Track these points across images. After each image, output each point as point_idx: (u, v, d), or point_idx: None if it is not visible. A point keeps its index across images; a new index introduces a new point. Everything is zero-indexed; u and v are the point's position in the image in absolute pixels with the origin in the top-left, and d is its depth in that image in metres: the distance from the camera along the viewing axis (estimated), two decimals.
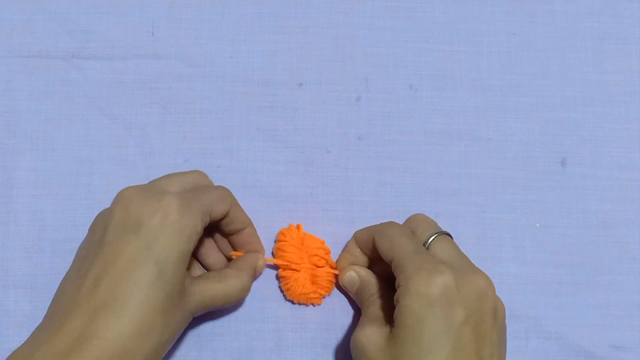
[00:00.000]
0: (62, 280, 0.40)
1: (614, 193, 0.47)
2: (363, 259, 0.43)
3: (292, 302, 0.44)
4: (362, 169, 0.47)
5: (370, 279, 0.42)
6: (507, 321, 0.44)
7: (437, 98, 0.48)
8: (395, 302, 0.37)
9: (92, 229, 0.40)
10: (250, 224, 0.43)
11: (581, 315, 0.45)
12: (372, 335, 0.37)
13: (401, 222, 0.45)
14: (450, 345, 0.35)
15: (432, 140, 0.47)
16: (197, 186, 0.42)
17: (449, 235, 0.41)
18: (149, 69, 0.48)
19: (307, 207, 0.46)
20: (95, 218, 0.41)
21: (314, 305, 0.44)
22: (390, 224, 0.42)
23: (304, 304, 0.44)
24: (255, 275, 0.43)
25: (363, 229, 0.44)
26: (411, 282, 0.36)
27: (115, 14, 0.49)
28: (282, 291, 0.44)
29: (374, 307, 0.40)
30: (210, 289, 0.39)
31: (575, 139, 0.48)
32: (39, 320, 0.44)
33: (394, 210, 0.46)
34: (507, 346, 0.44)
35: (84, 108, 0.47)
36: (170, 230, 0.36)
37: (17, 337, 0.43)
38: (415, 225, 0.42)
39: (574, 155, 0.47)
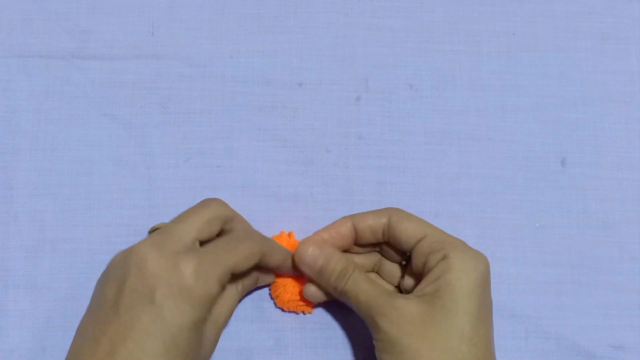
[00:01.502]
0: (78, 329, 0.38)
1: (614, 193, 0.47)
2: (350, 241, 0.42)
3: (283, 310, 0.44)
4: (362, 169, 0.47)
5: (338, 255, 0.41)
6: (507, 321, 0.45)
7: (437, 98, 0.48)
8: (440, 272, 0.37)
9: (107, 280, 0.37)
10: (285, 259, 0.41)
11: (581, 315, 0.45)
12: (406, 307, 0.37)
13: None
14: (488, 323, 0.38)
15: (432, 140, 0.47)
16: (221, 240, 0.39)
17: None
18: (149, 69, 0.48)
19: (307, 207, 0.46)
20: (110, 265, 0.38)
21: (304, 314, 0.44)
22: (400, 209, 0.41)
23: (294, 312, 0.44)
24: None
25: (364, 212, 0.42)
26: (466, 257, 0.38)
27: (115, 14, 0.49)
28: (272, 298, 0.44)
29: (368, 283, 0.39)
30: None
31: (575, 139, 0.48)
32: (39, 320, 0.44)
33: None
34: (507, 345, 0.44)
35: (84, 108, 0.47)
36: (183, 301, 0.35)
37: (17, 337, 0.43)
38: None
39: (574, 155, 0.47)
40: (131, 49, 0.48)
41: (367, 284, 0.39)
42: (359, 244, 0.42)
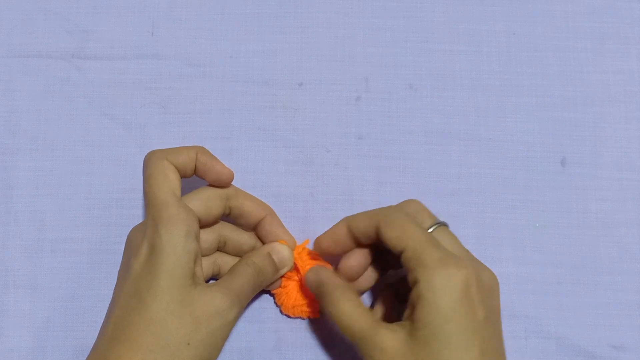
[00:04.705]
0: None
1: (614, 193, 0.47)
2: (349, 244, 0.40)
3: (289, 316, 0.44)
4: (362, 169, 0.47)
5: (330, 278, 0.40)
6: (507, 321, 0.45)
7: (437, 98, 0.48)
8: (415, 298, 0.35)
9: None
10: (268, 213, 0.42)
11: (581, 315, 0.45)
12: (388, 342, 0.35)
13: None
14: (478, 344, 0.34)
15: (432, 140, 0.47)
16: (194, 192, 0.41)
17: (447, 225, 0.40)
18: (149, 69, 0.48)
19: (307, 207, 0.46)
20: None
21: (310, 318, 0.43)
22: (394, 210, 0.39)
23: (300, 317, 0.43)
24: (276, 267, 0.41)
25: (359, 214, 0.40)
26: (436, 278, 0.35)
27: (115, 14, 0.49)
28: (277, 306, 0.44)
29: (351, 314, 0.37)
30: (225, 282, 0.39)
31: (575, 139, 0.48)
32: (39, 320, 0.44)
33: None
34: (507, 345, 0.44)
35: (84, 108, 0.47)
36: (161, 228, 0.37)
37: (17, 337, 0.43)
38: (414, 212, 0.39)
39: (574, 155, 0.47)
40: (131, 49, 0.48)
41: (350, 314, 0.37)
42: (362, 244, 0.40)
